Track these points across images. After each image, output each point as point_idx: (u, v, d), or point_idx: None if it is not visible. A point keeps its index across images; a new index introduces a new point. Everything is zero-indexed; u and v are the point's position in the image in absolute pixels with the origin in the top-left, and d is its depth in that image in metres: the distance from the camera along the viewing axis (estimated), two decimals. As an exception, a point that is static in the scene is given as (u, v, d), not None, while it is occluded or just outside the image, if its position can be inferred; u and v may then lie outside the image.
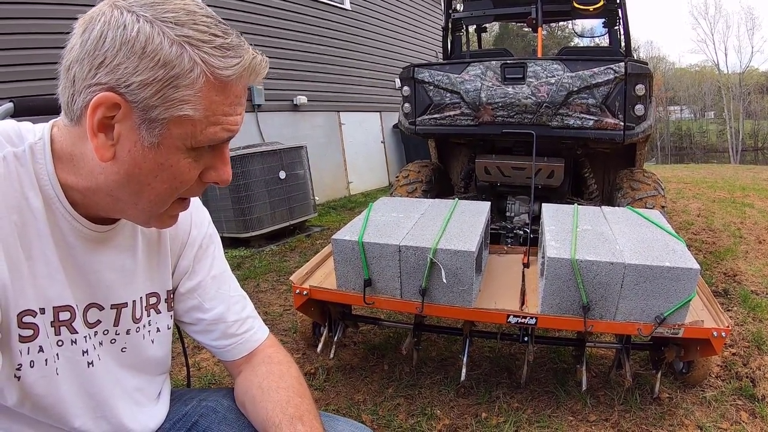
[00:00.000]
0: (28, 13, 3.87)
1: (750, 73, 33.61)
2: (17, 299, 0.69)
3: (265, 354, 1.01)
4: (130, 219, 0.78)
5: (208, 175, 0.74)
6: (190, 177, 0.71)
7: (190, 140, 0.67)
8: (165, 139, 0.66)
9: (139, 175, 0.68)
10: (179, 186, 0.72)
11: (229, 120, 0.69)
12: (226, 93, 0.67)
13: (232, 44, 0.66)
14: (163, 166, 0.68)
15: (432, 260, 1.88)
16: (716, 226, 4.96)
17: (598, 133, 2.88)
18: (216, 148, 0.72)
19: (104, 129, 0.65)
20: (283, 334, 2.81)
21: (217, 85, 0.66)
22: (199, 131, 0.67)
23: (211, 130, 0.68)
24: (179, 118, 0.65)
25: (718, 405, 2.04)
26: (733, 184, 7.78)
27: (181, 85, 0.63)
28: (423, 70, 3.23)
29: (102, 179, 0.69)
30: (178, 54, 0.62)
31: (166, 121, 0.65)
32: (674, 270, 1.69)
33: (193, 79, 0.64)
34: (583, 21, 5.75)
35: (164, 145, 0.66)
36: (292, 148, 4.88)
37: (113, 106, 0.63)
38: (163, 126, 0.65)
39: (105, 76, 0.62)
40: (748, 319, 2.80)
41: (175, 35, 0.62)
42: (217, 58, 0.64)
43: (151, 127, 0.65)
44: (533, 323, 1.90)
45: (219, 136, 0.69)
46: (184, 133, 0.66)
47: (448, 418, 2.03)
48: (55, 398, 0.76)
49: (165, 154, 0.67)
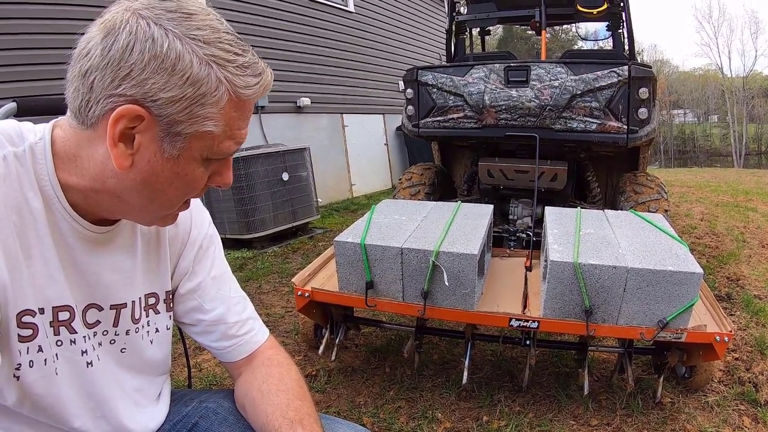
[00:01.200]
0: (30, 13, 3.88)
1: (754, 76, 33.56)
2: (16, 299, 0.69)
3: (266, 356, 1.01)
4: (133, 219, 0.81)
5: (213, 179, 0.77)
6: (201, 184, 0.75)
7: (207, 152, 0.71)
8: (185, 152, 0.69)
9: (155, 183, 0.71)
10: (190, 192, 0.75)
11: (241, 133, 0.73)
12: (243, 109, 0.71)
13: (250, 62, 0.69)
14: (179, 176, 0.71)
15: (434, 263, 1.87)
16: (719, 230, 4.94)
17: (602, 136, 2.87)
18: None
19: (124, 139, 0.66)
20: (285, 336, 2.81)
21: (237, 102, 0.69)
22: (216, 144, 0.70)
23: (227, 144, 0.71)
24: (202, 134, 0.68)
25: (721, 410, 2.03)
26: (736, 188, 7.76)
27: (207, 103, 0.66)
28: (426, 72, 3.23)
29: (113, 183, 0.70)
30: (206, 74, 0.65)
31: (190, 135, 0.67)
32: (677, 274, 1.68)
33: (219, 98, 0.67)
34: (587, 24, 5.74)
35: (183, 157, 0.69)
36: (295, 150, 4.88)
37: (136, 117, 0.64)
38: (185, 140, 0.68)
39: (131, 89, 0.63)
40: (750, 323, 2.78)
41: (204, 54, 0.64)
42: (239, 78, 0.67)
43: (174, 141, 0.67)
44: (535, 327, 1.90)
45: (232, 149, 0.73)
46: (203, 147, 0.70)
47: (450, 421, 2.02)
48: (54, 398, 0.76)
49: (183, 165, 0.70)
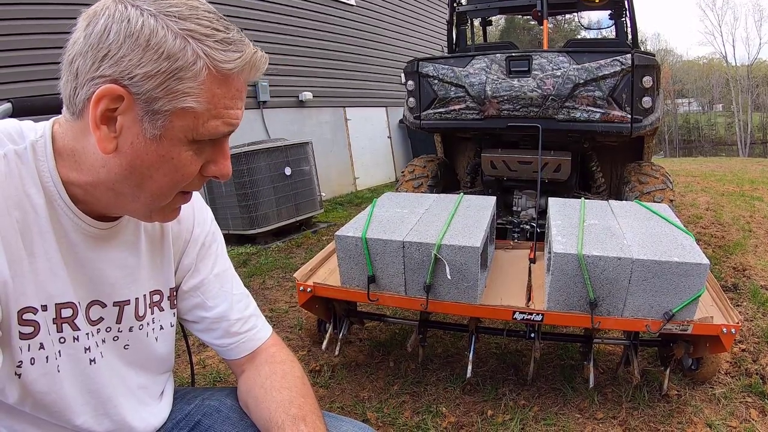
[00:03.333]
0: (27, 14, 3.87)
1: (758, 65, 33.28)
2: (18, 296, 0.69)
3: (269, 353, 1.01)
4: (132, 214, 0.79)
5: (209, 169, 0.74)
6: (191, 170, 0.72)
7: (192, 133, 0.68)
8: (167, 132, 0.66)
9: (141, 168, 0.68)
10: (180, 179, 0.72)
11: (230, 114, 0.70)
12: (228, 86, 0.68)
13: (233, 39, 0.67)
14: (165, 159, 0.68)
15: (436, 256, 1.86)
16: (725, 219, 4.91)
17: (605, 126, 2.85)
18: (217, 142, 0.73)
19: (107, 121, 0.65)
20: (289, 331, 2.80)
21: (219, 78, 0.66)
22: (201, 124, 0.67)
23: (213, 124, 0.68)
24: (182, 111, 0.66)
25: (728, 402, 2.01)
26: (742, 178, 7.72)
27: (185, 77, 0.64)
28: (427, 64, 3.21)
29: (104, 173, 0.69)
30: (181, 47, 0.63)
31: (169, 113, 0.65)
32: (683, 265, 1.66)
33: (196, 72, 0.64)
34: (590, 13, 5.70)
35: (166, 138, 0.67)
36: (297, 145, 4.88)
37: (116, 98, 0.63)
38: (165, 118, 0.65)
39: (109, 69, 0.63)
40: (758, 314, 2.77)
41: (179, 29, 0.63)
42: (219, 52, 0.65)
43: (154, 119, 0.65)
44: (540, 320, 1.88)
45: (220, 129, 0.70)
46: (186, 126, 0.67)
47: (454, 415, 2.02)
48: (56, 396, 0.76)
49: (167, 147, 0.68)
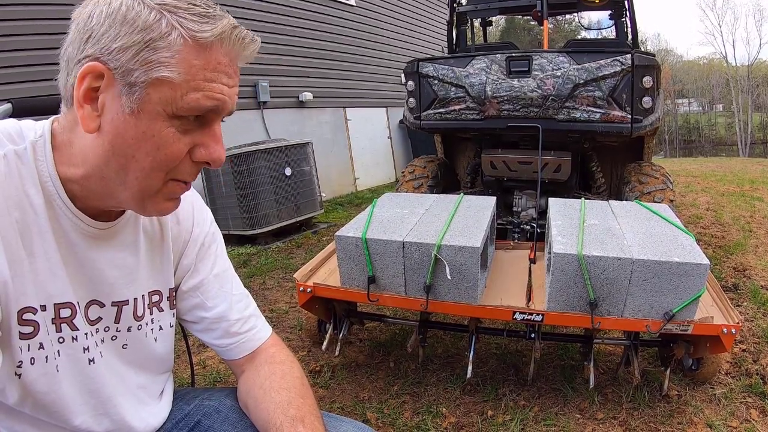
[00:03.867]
0: (27, 14, 3.87)
1: (758, 65, 33.28)
2: (18, 296, 0.69)
3: (268, 353, 1.01)
4: (126, 204, 0.76)
5: (198, 152, 0.72)
6: (175, 150, 0.69)
7: (170, 106, 0.66)
8: (145, 105, 0.65)
9: (123, 147, 0.67)
10: (164, 160, 0.69)
11: (212, 87, 0.68)
12: (207, 58, 0.67)
13: (212, 14, 0.67)
14: (146, 135, 0.67)
15: (436, 256, 1.86)
16: (725, 220, 4.91)
17: (606, 126, 2.85)
18: (206, 124, 0.71)
19: (90, 100, 0.66)
20: (289, 332, 2.80)
21: (196, 48, 0.66)
22: (179, 96, 0.66)
23: (192, 96, 0.66)
24: (158, 81, 0.65)
25: (728, 402, 2.01)
26: (742, 178, 7.72)
27: (159, 47, 0.64)
28: (427, 64, 3.21)
29: (92, 158, 0.69)
30: (156, 19, 0.64)
31: (145, 84, 0.64)
32: (683, 265, 1.66)
33: (171, 41, 0.64)
34: (590, 13, 5.70)
35: (145, 111, 0.66)
36: (297, 145, 4.88)
37: (98, 75, 0.65)
38: (142, 90, 0.65)
39: (91, 48, 0.65)
40: (758, 314, 2.76)
41: (155, 3, 0.64)
42: (195, 23, 0.65)
43: (131, 92, 0.65)
44: (540, 320, 1.88)
45: (202, 103, 0.67)
46: (164, 98, 0.65)
47: (454, 415, 2.02)
48: (55, 395, 0.76)
49: (146, 121, 0.66)
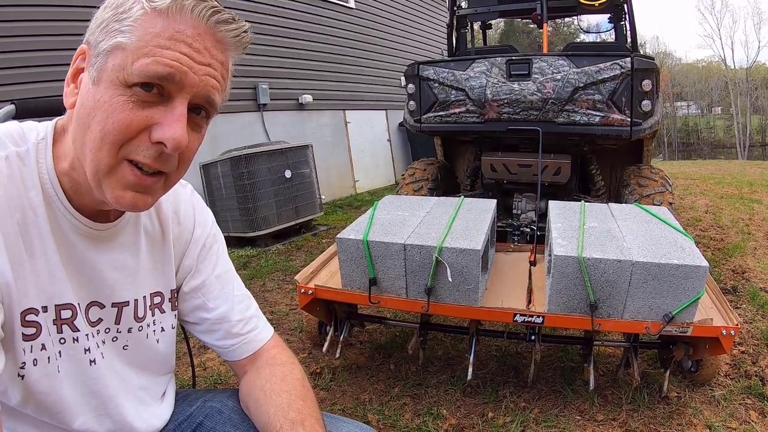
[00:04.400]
0: (29, 15, 3.89)
1: (757, 68, 33.38)
2: (20, 298, 0.70)
3: (270, 355, 1.01)
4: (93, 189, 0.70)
5: (155, 131, 0.67)
6: (123, 118, 0.65)
7: (122, 72, 0.64)
8: (102, 73, 0.65)
9: (84, 117, 0.67)
10: (112, 128, 0.65)
11: (164, 53, 0.64)
12: (164, 26, 0.65)
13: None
14: (99, 103, 0.65)
15: (437, 259, 1.87)
16: (724, 222, 4.92)
17: (605, 129, 2.86)
18: (168, 100, 0.67)
19: (75, 80, 0.70)
20: (290, 334, 2.81)
21: (154, 15, 0.65)
22: (130, 63, 0.64)
23: (142, 61, 0.64)
24: (114, 48, 0.65)
25: (727, 404, 2.02)
26: (741, 180, 7.73)
27: (122, 18, 0.65)
28: (428, 67, 3.22)
29: (71, 139, 0.71)
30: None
31: (105, 53, 0.65)
32: (683, 267, 1.67)
33: (133, 12, 0.65)
34: (589, 17, 5.72)
35: (102, 80, 0.65)
36: (297, 147, 4.89)
37: (83, 55, 0.69)
38: (102, 59, 0.66)
39: (86, 35, 0.69)
40: (757, 316, 2.77)
41: None
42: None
43: (95, 63, 0.66)
44: (540, 322, 1.89)
45: (151, 68, 0.64)
46: (117, 65, 0.64)
47: (455, 417, 2.02)
48: (57, 396, 0.76)
49: (102, 89, 0.65)
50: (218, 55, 0.69)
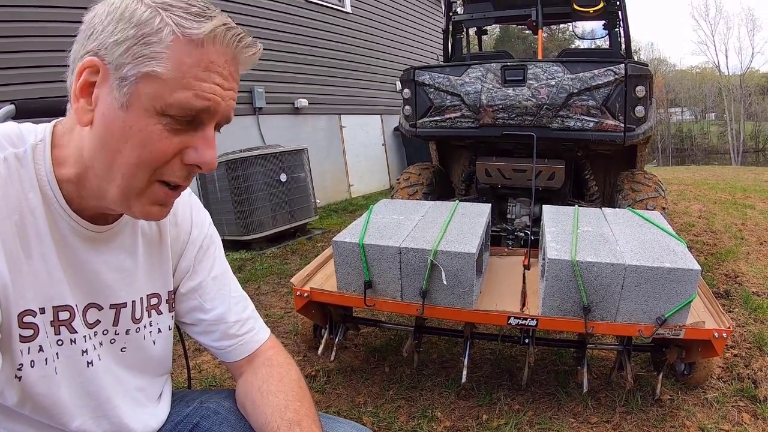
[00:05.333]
0: (29, 16, 3.89)
1: (751, 74, 33.60)
2: (18, 299, 0.70)
3: (266, 356, 1.01)
4: (114, 205, 0.74)
5: (189, 155, 0.71)
6: (161, 148, 0.68)
7: (159, 102, 0.65)
8: (134, 99, 0.65)
9: (111, 141, 0.67)
10: (150, 157, 0.68)
11: (203, 87, 0.67)
12: (199, 56, 0.66)
13: (209, 15, 0.67)
14: (132, 130, 0.66)
15: (432, 262, 1.88)
16: (717, 227, 4.95)
17: (599, 134, 2.88)
18: (198, 126, 0.70)
19: (86, 94, 0.67)
20: (284, 337, 2.81)
21: (188, 45, 0.65)
22: (168, 93, 0.65)
23: (182, 95, 0.66)
24: (147, 75, 0.65)
25: (720, 406, 2.03)
26: (734, 186, 7.78)
27: (151, 42, 0.65)
28: (423, 72, 3.24)
29: (86, 153, 0.70)
30: (151, 16, 0.65)
31: (135, 78, 0.65)
32: (675, 271, 1.69)
33: (162, 37, 0.65)
34: (584, 23, 5.76)
35: (134, 106, 0.66)
36: (293, 151, 4.88)
37: (95, 70, 0.66)
38: (131, 84, 0.65)
39: (90, 45, 0.67)
40: (749, 320, 2.79)
41: (152, 2, 0.66)
42: (188, 21, 0.66)
43: (122, 86, 0.65)
44: (534, 325, 1.90)
45: (192, 103, 0.66)
46: (152, 94, 0.65)
47: (449, 420, 2.03)
48: (55, 398, 0.76)
49: (134, 116, 0.66)
50: (238, 77, 0.72)
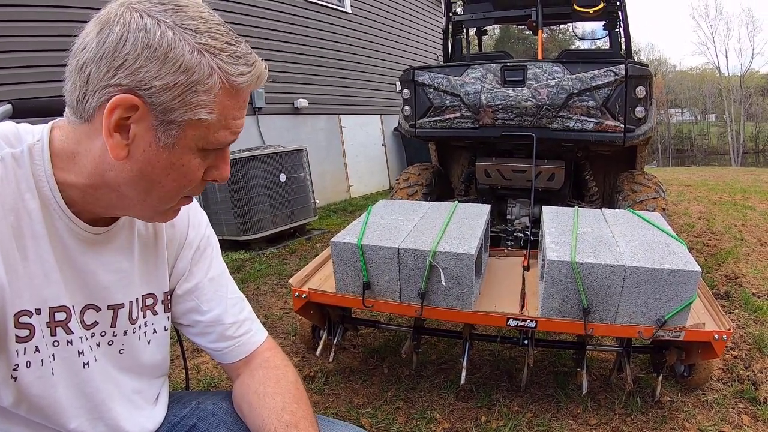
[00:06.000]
0: (27, 16, 3.88)
1: (751, 75, 33.63)
2: (14, 300, 0.70)
3: (263, 358, 1.01)
4: (133, 215, 0.82)
5: (210, 173, 0.77)
6: (197, 176, 0.75)
7: (202, 142, 0.70)
8: (180, 141, 0.69)
9: (151, 174, 0.70)
10: (187, 184, 0.75)
11: (237, 123, 0.73)
12: (237, 98, 0.71)
13: (243, 52, 0.70)
14: (175, 166, 0.71)
15: (431, 263, 1.87)
16: (717, 228, 4.95)
17: (599, 135, 2.87)
18: (220, 149, 0.75)
19: (120, 129, 0.66)
20: (283, 337, 2.80)
21: (231, 91, 0.69)
22: (211, 134, 0.70)
23: (222, 134, 0.71)
24: (197, 122, 0.68)
25: (720, 408, 2.03)
26: (734, 187, 7.77)
27: (201, 90, 0.66)
28: (423, 72, 3.23)
29: (112, 176, 0.70)
30: (198, 61, 0.65)
31: (184, 123, 0.67)
32: (675, 272, 1.68)
33: (212, 85, 0.67)
34: (584, 24, 5.76)
35: (179, 146, 0.69)
36: (292, 151, 4.88)
37: (131, 107, 0.65)
38: (180, 128, 0.68)
39: (125, 78, 0.64)
40: (749, 321, 2.79)
41: (195, 42, 0.65)
42: (231, 66, 0.68)
43: (169, 129, 0.67)
44: (533, 326, 1.89)
45: (228, 139, 0.73)
46: (198, 135, 0.69)
47: (448, 421, 2.02)
48: (51, 399, 0.76)
49: (178, 155, 0.70)
50: None
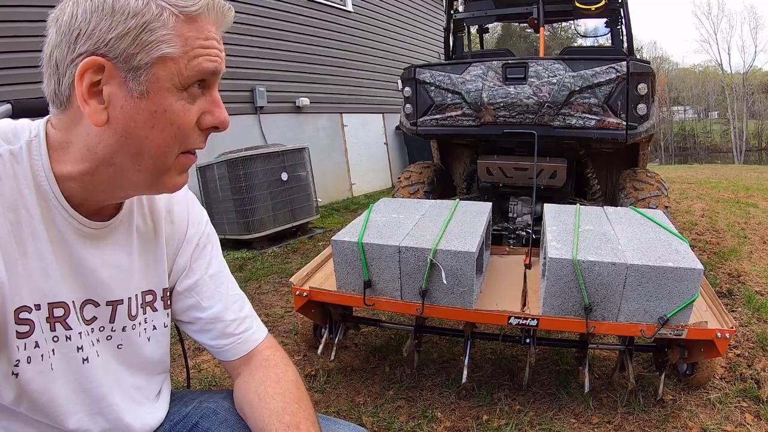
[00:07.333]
0: (26, 16, 3.89)
1: (753, 72, 33.56)
2: (14, 295, 0.70)
3: (263, 356, 1.01)
4: (138, 189, 0.79)
5: (205, 119, 0.74)
6: (186, 120, 0.72)
7: (177, 79, 0.69)
8: (153, 84, 0.68)
9: (136, 130, 0.69)
10: (177, 133, 0.72)
11: (209, 52, 0.71)
12: (198, 28, 0.70)
13: None
14: (158, 113, 0.69)
15: (432, 261, 1.87)
16: (720, 226, 4.93)
17: (601, 132, 2.86)
18: (207, 90, 0.74)
19: (94, 95, 0.67)
20: (284, 336, 2.80)
21: (187, 21, 0.68)
22: (183, 67, 0.69)
23: (195, 63, 0.69)
24: (161, 59, 0.67)
25: (723, 407, 2.02)
26: (737, 185, 7.75)
27: (155, 28, 0.66)
28: (424, 70, 3.23)
29: (101, 149, 0.70)
30: (145, 3, 0.66)
31: (149, 65, 0.67)
32: (677, 270, 1.67)
33: (164, 21, 0.66)
34: (586, 21, 5.74)
35: (153, 91, 0.68)
36: (294, 150, 4.88)
37: (98, 69, 0.66)
38: (147, 71, 0.67)
39: (84, 45, 0.65)
40: (752, 320, 2.78)
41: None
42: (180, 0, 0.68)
43: (137, 76, 0.67)
44: (535, 325, 1.89)
45: (204, 66, 0.70)
46: (169, 74, 0.68)
47: (449, 420, 2.02)
48: (51, 394, 0.76)
49: (156, 100, 0.68)
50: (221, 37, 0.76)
